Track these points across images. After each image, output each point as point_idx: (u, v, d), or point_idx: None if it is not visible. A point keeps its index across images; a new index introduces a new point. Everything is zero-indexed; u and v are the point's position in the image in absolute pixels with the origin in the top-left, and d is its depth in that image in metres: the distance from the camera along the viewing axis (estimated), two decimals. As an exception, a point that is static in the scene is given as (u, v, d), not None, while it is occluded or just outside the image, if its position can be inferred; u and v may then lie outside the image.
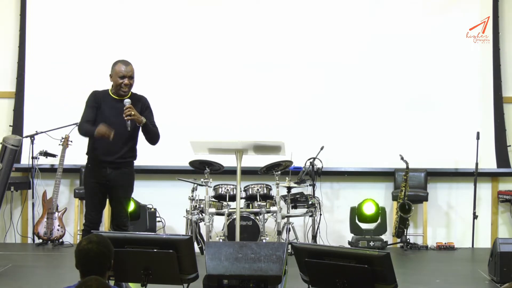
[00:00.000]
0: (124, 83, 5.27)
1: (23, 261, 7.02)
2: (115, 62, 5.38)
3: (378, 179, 8.20)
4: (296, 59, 8.09)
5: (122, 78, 5.27)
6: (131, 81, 5.31)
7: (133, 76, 5.33)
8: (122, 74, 5.27)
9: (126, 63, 5.34)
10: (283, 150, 6.46)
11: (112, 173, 5.38)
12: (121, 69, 5.28)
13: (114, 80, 5.31)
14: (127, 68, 5.29)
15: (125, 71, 5.28)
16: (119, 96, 5.32)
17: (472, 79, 8.10)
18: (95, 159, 5.38)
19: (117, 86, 5.29)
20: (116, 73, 5.28)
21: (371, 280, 3.97)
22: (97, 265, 3.16)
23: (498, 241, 5.80)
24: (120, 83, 5.27)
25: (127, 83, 5.29)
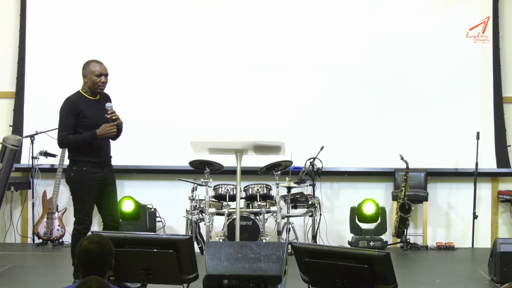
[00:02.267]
0: (101, 81, 5.35)
1: (23, 261, 7.02)
2: (87, 62, 5.42)
3: (378, 179, 8.20)
4: (296, 59, 8.09)
5: (99, 76, 5.34)
6: (106, 78, 5.40)
7: (108, 74, 5.41)
8: (99, 72, 5.34)
9: (100, 62, 5.42)
10: (283, 150, 6.45)
11: (107, 172, 5.38)
12: (96, 68, 5.34)
13: (90, 79, 5.33)
14: (102, 66, 5.38)
15: (101, 69, 5.36)
16: (94, 96, 5.37)
17: (472, 79, 8.10)
18: (91, 162, 5.30)
19: (94, 84, 5.33)
20: (91, 72, 5.33)
21: (371, 280, 3.97)
22: (98, 265, 3.17)
23: (498, 241, 5.80)
24: (98, 82, 5.33)
25: (104, 81, 5.37)
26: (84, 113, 5.26)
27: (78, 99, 5.33)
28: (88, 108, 5.30)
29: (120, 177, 8.06)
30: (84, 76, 5.37)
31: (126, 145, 7.98)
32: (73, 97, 5.37)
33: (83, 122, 5.25)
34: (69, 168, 5.36)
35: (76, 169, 5.28)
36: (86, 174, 5.27)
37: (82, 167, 5.27)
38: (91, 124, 5.25)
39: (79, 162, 5.28)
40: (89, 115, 5.27)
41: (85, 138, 5.23)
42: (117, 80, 8.08)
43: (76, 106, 5.28)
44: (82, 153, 5.27)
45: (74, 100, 5.33)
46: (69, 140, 5.25)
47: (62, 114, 5.30)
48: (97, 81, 5.33)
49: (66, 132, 5.24)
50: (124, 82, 8.12)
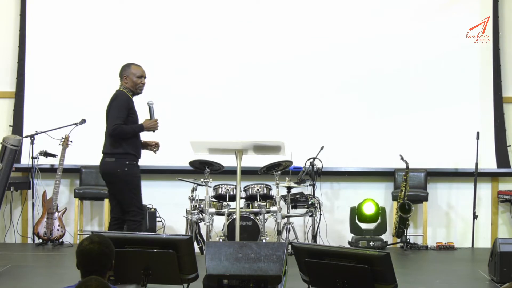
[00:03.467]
0: (142, 82, 5.71)
1: (23, 261, 7.02)
2: (127, 65, 5.74)
3: (378, 179, 8.20)
4: (297, 59, 8.09)
5: (140, 78, 5.70)
6: (145, 81, 5.76)
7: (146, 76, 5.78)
8: (140, 74, 5.71)
9: (139, 65, 5.77)
10: (283, 150, 6.46)
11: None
12: (138, 70, 5.71)
13: (130, 80, 5.68)
14: (142, 69, 5.75)
15: (142, 71, 5.73)
16: (133, 96, 5.72)
17: (472, 79, 8.10)
18: (137, 157, 5.70)
19: (136, 85, 5.69)
20: (132, 73, 5.68)
21: (371, 280, 3.97)
22: (99, 265, 3.16)
23: (498, 241, 5.80)
24: (139, 83, 5.69)
25: (144, 83, 5.73)
26: (133, 109, 5.67)
27: (128, 95, 5.68)
28: (133, 105, 5.68)
29: (120, 177, 8.12)
30: (125, 77, 5.70)
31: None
32: (123, 93, 5.69)
33: (132, 118, 5.64)
34: (120, 162, 5.58)
35: (128, 163, 5.58)
36: (136, 167, 5.66)
37: (133, 161, 5.62)
38: (135, 120, 5.67)
39: (130, 156, 5.60)
40: (135, 111, 5.67)
41: (135, 130, 5.62)
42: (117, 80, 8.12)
43: (129, 101, 5.66)
44: (132, 147, 5.61)
45: (127, 96, 5.67)
46: (122, 129, 5.54)
47: (119, 105, 5.60)
48: (138, 82, 5.69)
49: (120, 122, 5.54)
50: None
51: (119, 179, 5.59)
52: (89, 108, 7.99)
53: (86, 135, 7.83)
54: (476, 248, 7.88)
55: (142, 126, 5.67)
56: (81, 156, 7.95)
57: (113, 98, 5.69)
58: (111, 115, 5.60)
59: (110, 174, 5.63)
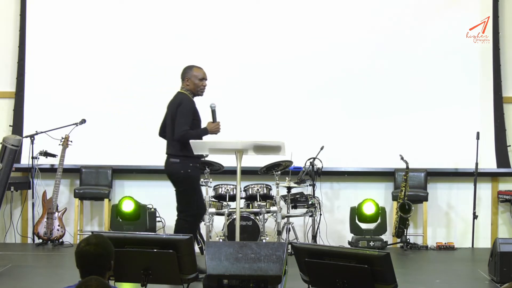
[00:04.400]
0: (203, 84, 5.82)
1: (23, 261, 7.02)
2: (189, 67, 5.85)
3: (378, 179, 8.20)
4: (296, 59, 8.09)
5: (202, 80, 5.80)
6: (206, 83, 5.86)
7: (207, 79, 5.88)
8: (202, 77, 5.81)
9: (201, 67, 5.86)
10: (283, 150, 6.44)
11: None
12: (200, 73, 5.81)
13: (192, 82, 5.78)
14: (204, 71, 5.84)
15: (203, 74, 5.82)
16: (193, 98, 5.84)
17: (472, 79, 8.10)
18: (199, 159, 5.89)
19: (198, 88, 5.79)
20: (195, 76, 5.78)
21: (371, 280, 3.97)
22: (96, 266, 3.15)
23: (498, 241, 5.80)
24: (200, 85, 5.79)
25: (205, 85, 5.84)
26: (197, 113, 5.79)
27: (191, 99, 5.80)
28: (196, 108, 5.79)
29: (120, 177, 8.15)
30: (187, 79, 5.80)
31: (126, 145, 8.06)
32: (187, 97, 5.79)
33: (197, 121, 5.77)
34: (184, 164, 5.71)
35: (192, 165, 5.73)
36: (198, 169, 5.87)
37: (196, 163, 5.78)
38: (199, 122, 5.80)
39: (193, 159, 5.72)
40: (198, 114, 5.79)
41: (200, 134, 5.73)
42: (117, 80, 8.14)
43: (194, 105, 5.78)
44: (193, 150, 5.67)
45: (191, 100, 5.79)
46: (189, 135, 5.64)
47: (185, 111, 5.70)
48: (199, 84, 5.79)
49: (187, 127, 5.66)
50: (124, 82, 8.13)
51: (182, 180, 5.77)
52: (89, 108, 8.01)
53: (86, 135, 7.84)
54: (476, 248, 7.88)
55: (206, 129, 5.76)
56: (81, 156, 7.95)
57: (178, 102, 5.76)
58: (178, 122, 5.70)
59: (174, 174, 5.82)
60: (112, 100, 8.12)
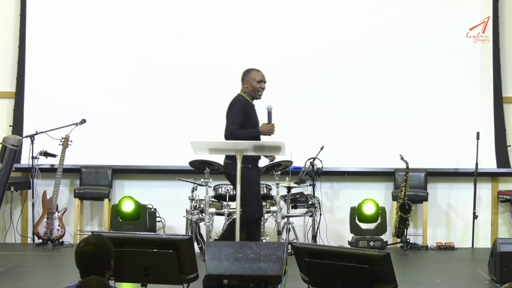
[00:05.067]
0: (261, 87, 5.90)
1: (23, 261, 7.02)
2: (248, 70, 5.96)
3: (378, 179, 8.20)
4: (296, 59, 8.09)
5: (260, 83, 5.89)
6: (265, 85, 5.94)
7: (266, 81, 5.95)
8: (260, 79, 5.90)
9: (259, 70, 5.94)
10: (283, 150, 6.45)
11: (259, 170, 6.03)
12: (258, 75, 5.90)
13: (251, 85, 5.89)
14: (262, 74, 5.92)
15: (262, 76, 5.91)
16: (252, 100, 5.94)
17: (472, 79, 8.10)
18: (255, 159, 5.89)
19: (255, 90, 5.89)
20: (253, 78, 5.89)
21: (371, 280, 3.97)
22: (96, 266, 3.15)
23: (498, 241, 5.80)
24: (258, 87, 5.88)
25: (263, 87, 5.91)
26: (250, 114, 5.87)
27: (245, 100, 5.89)
28: (251, 110, 5.89)
29: (120, 177, 8.15)
30: (245, 82, 5.93)
31: (126, 145, 8.06)
32: (242, 98, 5.92)
33: (250, 122, 5.84)
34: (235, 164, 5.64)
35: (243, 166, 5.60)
36: (253, 169, 5.87)
37: (248, 164, 5.77)
38: (254, 123, 5.86)
39: (246, 159, 5.64)
40: (253, 116, 5.89)
41: (251, 134, 5.77)
42: (117, 80, 8.14)
43: (245, 106, 5.87)
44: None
45: (244, 101, 5.89)
46: (238, 134, 5.73)
47: (235, 111, 5.84)
48: (257, 87, 5.89)
49: (236, 127, 5.77)
50: (125, 82, 8.13)
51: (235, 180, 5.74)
52: (89, 108, 8.01)
53: (86, 135, 7.84)
54: (476, 248, 7.88)
55: (258, 130, 5.81)
56: (81, 156, 7.95)
57: (231, 103, 5.91)
58: (228, 121, 5.85)
59: (228, 175, 6.00)
60: (112, 100, 8.12)
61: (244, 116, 5.82)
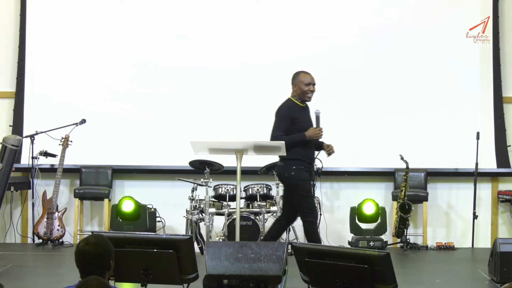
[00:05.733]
0: (310, 89, 5.91)
1: (23, 261, 7.02)
2: (297, 73, 5.98)
3: (378, 179, 8.20)
4: (296, 59, 8.05)
5: (308, 85, 5.90)
6: (314, 88, 5.94)
7: (315, 83, 5.95)
8: (308, 82, 5.91)
9: (308, 72, 5.96)
10: (283, 150, 6.45)
11: (311, 173, 6.03)
12: (306, 78, 5.91)
13: (299, 88, 5.92)
14: (311, 76, 5.93)
15: (310, 79, 5.92)
16: (302, 103, 5.96)
17: (472, 79, 8.10)
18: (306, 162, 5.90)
19: (303, 93, 5.91)
20: (301, 81, 5.91)
21: (371, 280, 3.97)
22: (95, 266, 3.14)
23: (498, 241, 5.80)
24: (307, 90, 5.90)
25: (312, 90, 5.92)
26: (298, 118, 5.88)
27: (292, 105, 5.94)
28: (300, 113, 5.91)
29: (120, 177, 8.15)
30: (294, 85, 5.96)
31: (126, 145, 8.06)
32: (288, 103, 5.97)
33: (298, 126, 5.86)
34: (287, 167, 5.88)
35: (295, 168, 5.84)
36: (304, 171, 5.88)
37: (300, 165, 5.85)
38: (302, 127, 5.86)
39: (298, 161, 5.83)
40: (301, 120, 5.90)
41: (296, 139, 5.82)
42: (117, 80, 8.14)
43: (291, 112, 5.90)
44: (300, 154, 5.85)
45: (290, 106, 5.94)
46: (282, 139, 5.76)
47: (279, 117, 5.92)
48: (305, 89, 5.91)
49: (279, 133, 5.84)
50: (125, 82, 8.13)
51: (287, 182, 5.98)
52: (89, 108, 8.01)
53: (86, 135, 7.84)
54: (476, 248, 7.88)
55: (304, 135, 5.82)
56: (81, 156, 7.95)
57: (277, 109, 5.98)
58: (273, 127, 5.94)
59: (280, 177, 6.14)
60: (112, 100, 8.12)
61: (290, 121, 5.86)
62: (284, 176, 5.98)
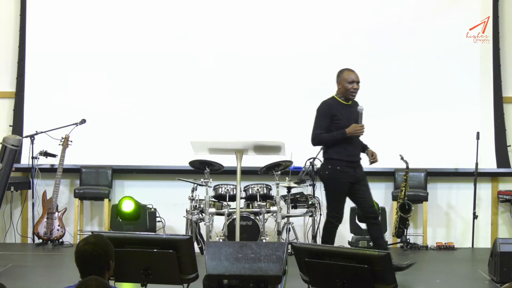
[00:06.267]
0: (353, 87, 5.83)
1: (23, 261, 7.03)
2: (341, 70, 5.91)
3: (378, 179, 8.18)
4: (296, 59, 8.09)
5: (351, 83, 5.82)
6: (358, 85, 5.86)
7: (359, 81, 5.86)
8: (352, 80, 5.82)
9: (353, 70, 5.89)
10: (283, 150, 6.46)
11: (357, 171, 5.90)
12: (349, 76, 5.84)
13: (343, 86, 5.85)
14: (354, 74, 5.86)
15: (354, 77, 5.84)
16: (347, 101, 5.89)
17: (472, 79, 8.10)
18: (345, 161, 5.82)
19: (346, 91, 5.84)
20: (344, 79, 5.83)
21: (371, 280, 3.97)
22: (94, 266, 3.14)
23: (498, 241, 5.80)
24: (350, 88, 5.82)
25: (356, 88, 5.85)
26: (337, 116, 5.81)
27: (332, 103, 5.89)
28: (340, 111, 5.83)
29: (120, 177, 8.16)
30: (338, 83, 5.90)
31: (126, 145, 8.07)
32: (329, 101, 5.92)
33: (337, 123, 5.79)
34: (324, 166, 5.91)
35: (331, 167, 5.84)
36: (340, 172, 5.81)
37: (336, 166, 5.81)
38: (343, 125, 5.78)
39: (334, 161, 5.80)
40: (341, 117, 5.81)
41: (336, 137, 5.78)
42: (117, 80, 8.14)
43: (330, 109, 5.84)
44: (338, 153, 5.81)
45: (329, 104, 5.89)
46: (321, 138, 5.84)
47: (319, 115, 5.89)
48: (349, 87, 5.83)
49: (320, 131, 5.83)
50: (125, 82, 8.13)
51: (323, 181, 5.98)
52: (89, 108, 8.01)
53: (86, 135, 7.84)
54: (476, 248, 7.88)
55: (344, 131, 5.76)
56: (81, 156, 7.96)
57: (317, 108, 5.94)
58: (313, 126, 5.92)
59: (318, 175, 6.17)
60: (112, 100, 8.12)
61: (329, 118, 5.82)
62: (320, 175, 6.04)
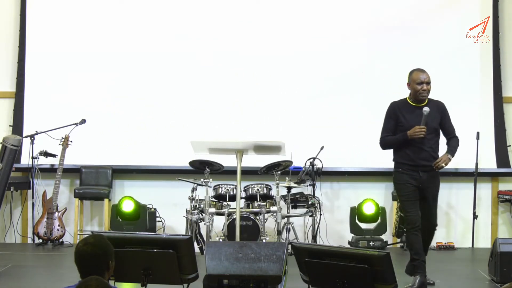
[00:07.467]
0: (422, 88, 5.66)
1: (23, 261, 7.02)
2: (410, 71, 5.76)
3: (378, 179, 8.19)
4: (296, 59, 8.09)
5: (420, 84, 5.65)
6: (428, 86, 5.68)
7: (430, 82, 5.68)
8: (420, 81, 5.66)
9: (423, 70, 5.72)
10: (283, 150, 6.46)
11: (422, 176, 5.66)
12: (418, 76, 5.68)
13: (412, 87, 5.71)
14: (424, 75, 5.69)
15: (422, 78, 5.67)
16: (418, 102, 5.70)
17: (472, 79, 8.10)
18: (406, 164, 5.69)
19: (416, 92, 5.67)
20: (413, 80, 5.69)
21: (371, 280, 3.97)
22: (94, 266, 3.13)
23: (498, 241, 5.80)
24: (419, 89, 5.65)
25: (425, 89, 5.67)
26: (402, 117, 5.69)
27: (400, 104, 5.78)
28: (407, 112, 5.69)
29: (120, 177, 8.16)
30: (408, 85, 5.77)
31: (126, 145, 8.07)
32: (396, 102, 5.83)
33: (401, 125, 5.69)
34: (393, 170, 5.80)
35: (395, 171, 5.77)
36: (401, 175, 5.69)
37: (398, 168, 5.73)
38: (406, 127, 5.63)
39: (398, 164, 5.73)
40: (406, 119, 5.67)
41: (399, 139, 5.68)
42: (117, 80, 8.14)
43: (394, 110, 5.76)
44: (401, 156, 5.71)
45: (395, 105, 5.80)
46: (386, 141, 5.80)
47: (385, 117, 5.83)
48: (418, 88, 5.67)
49: (385, 134, 5.80)
50: (125, 82, 8.13)
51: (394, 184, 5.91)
52: (89, 108, 8.01)
53: (86, 135, 7.84)
54: (476, 248, 7.88)
55: (405, 134, 5.64)
56: (81, 156, 7.96)
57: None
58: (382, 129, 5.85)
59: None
60: (112, 100, 8.12)
61: (394, 120, 5.74)
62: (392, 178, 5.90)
